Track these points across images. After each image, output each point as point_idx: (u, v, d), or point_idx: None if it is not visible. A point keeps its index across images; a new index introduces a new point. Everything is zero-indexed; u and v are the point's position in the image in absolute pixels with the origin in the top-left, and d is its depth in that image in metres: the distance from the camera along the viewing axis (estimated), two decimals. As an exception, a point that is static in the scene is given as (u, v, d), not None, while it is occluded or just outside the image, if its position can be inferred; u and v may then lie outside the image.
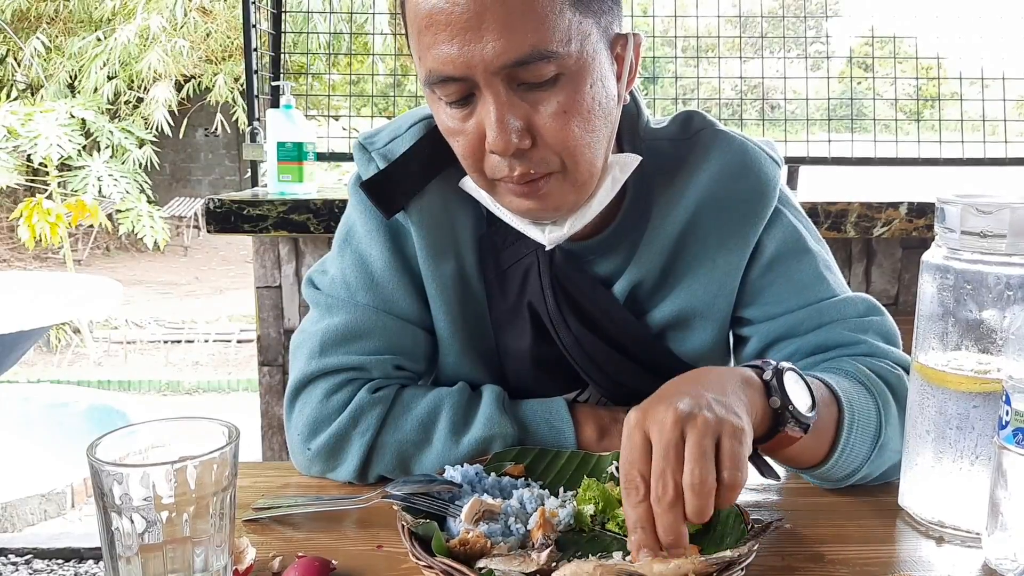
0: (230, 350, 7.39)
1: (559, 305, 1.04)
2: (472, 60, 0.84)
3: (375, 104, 3.02)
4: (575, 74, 0.87)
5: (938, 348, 0.86)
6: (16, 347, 3.90)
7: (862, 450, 0.93)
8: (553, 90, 0.87)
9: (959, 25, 3.20)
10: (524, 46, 0.83)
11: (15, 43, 9.59)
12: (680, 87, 2.97)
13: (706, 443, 0.72)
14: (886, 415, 0.94)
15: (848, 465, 0.93)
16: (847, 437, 0.91)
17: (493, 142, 0.87)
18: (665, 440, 0.73)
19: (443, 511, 0.84)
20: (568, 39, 0.85)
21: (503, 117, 0.86)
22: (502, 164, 0.90)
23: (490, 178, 0.93)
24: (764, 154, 1.07)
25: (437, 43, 0.85)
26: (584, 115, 0.89)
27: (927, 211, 2.19)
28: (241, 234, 2.26)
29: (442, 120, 0.93)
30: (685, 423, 0.73)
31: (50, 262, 11.16)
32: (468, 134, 0.90)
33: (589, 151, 0.91)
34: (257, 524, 0.89)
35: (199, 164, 13.56)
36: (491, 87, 0.86)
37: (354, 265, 1.05)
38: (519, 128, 0.87)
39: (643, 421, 0.76)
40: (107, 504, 0.64)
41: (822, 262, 1.07)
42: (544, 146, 0.89)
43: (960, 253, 0.84)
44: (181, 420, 0.72)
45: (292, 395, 1.03)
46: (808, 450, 0.91)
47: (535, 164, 0.90)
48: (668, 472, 0.72)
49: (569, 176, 0.92)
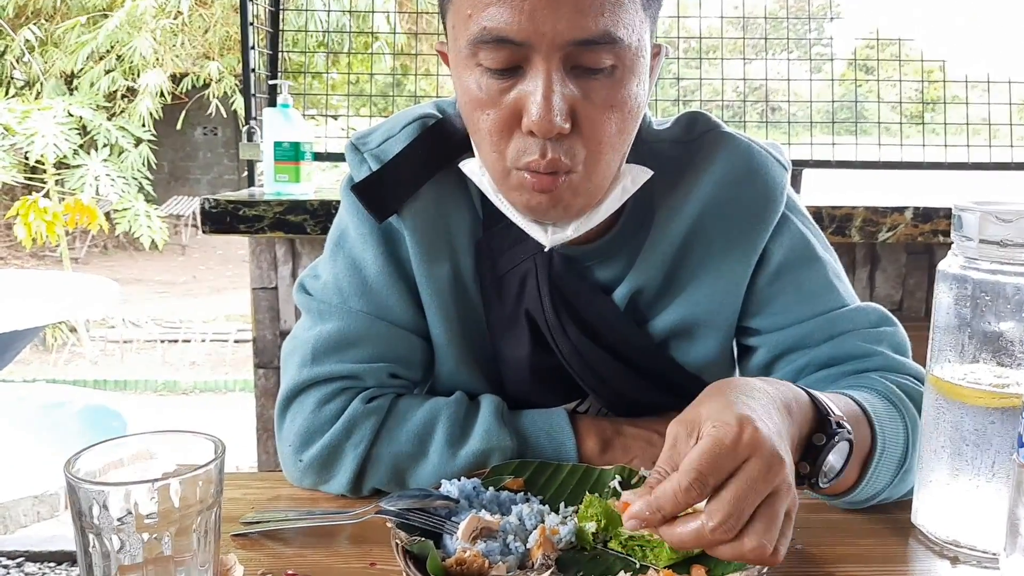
0: (227, 350, 7.36)
1: (557, 313, 1.00)
2: (542, 27, 0.81)
3: (374, 104, 2.99)
4: (627, 69, 0.85)
5: (954, 361, 0.83)
6: (10, 347, 3.87)
7: (887, 476, 0.89)
8: (605, 81, 0.85)
9: (963, 28, 3.18)
10: (597, 26, 0.81)
11: (12, 39, 9.56)
12: (681, 89, 2.95)
13: (781, 509, 0.68)
14: (913, 438, 0.91)
15: (871, 490, 0.89)
16: (875, 466, 0.88)
17: (537, 120, 0.83)
18: (755, 483, 0.66)
19: (439, 528, 0.81)
20: (633, 31, 0.84)
21: (552, 96, 0.82)
22: (533, 147, 0.86)
23: (509, 165, 0.88)
24: (771, 157, 1.04)
25: (505, 2, 0.81)
26: (624, 113, 0.87)
27: (933, 216, 2.16)
28: (237, 235, 2.23)
29: (471, 90, 0.88)
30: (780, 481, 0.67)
31: (47, 260, 11.13)
32: (502, 109, 0.86)
33: (613, 152, 0.89)
34: (246, 539, 0.86)
35: (197, 163, 13.53)
36: (548, 62, 0.82)
37: (347, 270, 1.02)
38: (565, 110, 0.83)
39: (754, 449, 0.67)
40: (84, 524, 0.61)
41: (831, 270, 1.04)
42: (578, 135, 0.85)
43: (978, 263, 0.81)
44: (165, 434, 0.69)
45: (283, 404, 1.00)
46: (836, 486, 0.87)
47: (565, 151, 0.86)
48: (743, 508, 0.66)
49: (586, 175, 0.88)
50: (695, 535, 0.67)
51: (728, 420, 0.69)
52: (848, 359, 1.00)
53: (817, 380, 0.99)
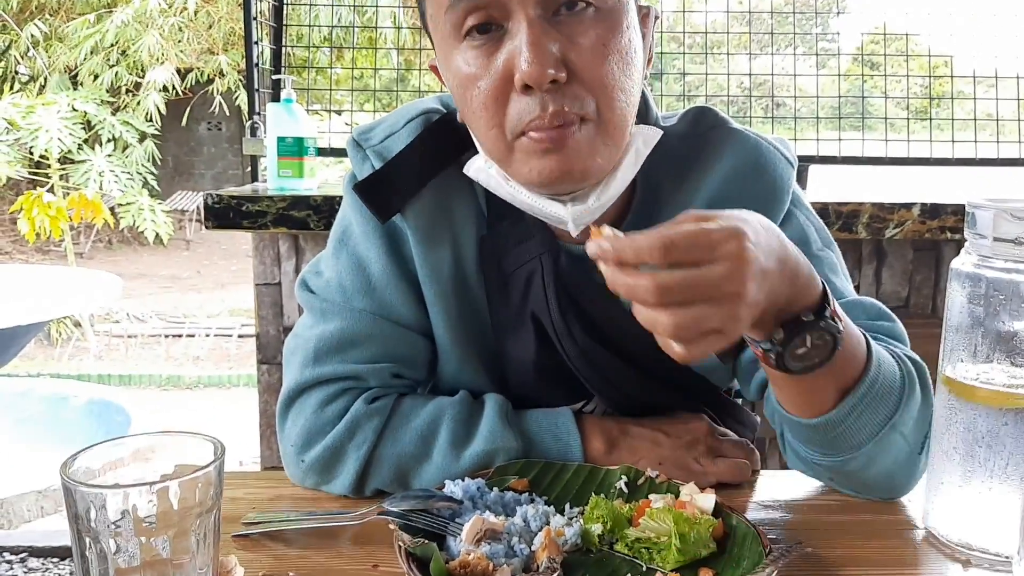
0: (231, 345, 7.36)
1: (564, 315, 0.98)
2: None
3: (378, 99, 2.98)
4: (611, 12, 0.84)
5: (967, 361, 0.82)
6: (14, 341, 3.87)
7: (870, 422, 0.85)
8: (590, 22, 0.83)
9: (970, 22, 3.16)
10: None
11: (17, 34, 9.56)
12: (686, 84, 2.93)
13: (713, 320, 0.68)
14: (908, 397, 0.86)
15: (857, 430, 0.85)
16: (860, 396, 0.83)
17: (527, 70, 0.80)
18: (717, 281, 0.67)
19: (443, 529, 0.80)
20: None
21: (539, 41, 0.80)
22: (532, 104, 0.83)
23: (512, 133, 0.86)
24: (778, 153, 1.03)
25: None
26: (622, 55, 0.85)
27: (940, 212, 2.14)
28: (240, 230, 2.22)
29: (458, 66, 0.87)
30: (734, 296, 0.68)
31: (52, 255, 11.13)
32: (492, 75, 0.84)
33: (624, 98, 0.86)
34: (247, 540, 0.85)
35: (202, 158, 13.53)
36: (525, 8, 0.81)
37: (350, 268, 1.00)
38: (555, 57, 0.81)
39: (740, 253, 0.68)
40: (81, 527, 0.60)
41: (828, 265, 1.01)
42: (579, 82, 0.83)
43: (992, 261, 0.80)
44: (163, 435, 0.67)
45: (285, 404, 0.98)
46: (807, 390, 0.84)
47: (568, 100, 0.83)
48: (685, 290, 0.67)
49: (602, 126, 0.85)
50: (629, 284, 0.68)
51: (725, 223, 0.69)
52: None
53: None
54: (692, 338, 0.68)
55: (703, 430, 1.00)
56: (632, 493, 0.89)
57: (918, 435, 0.89)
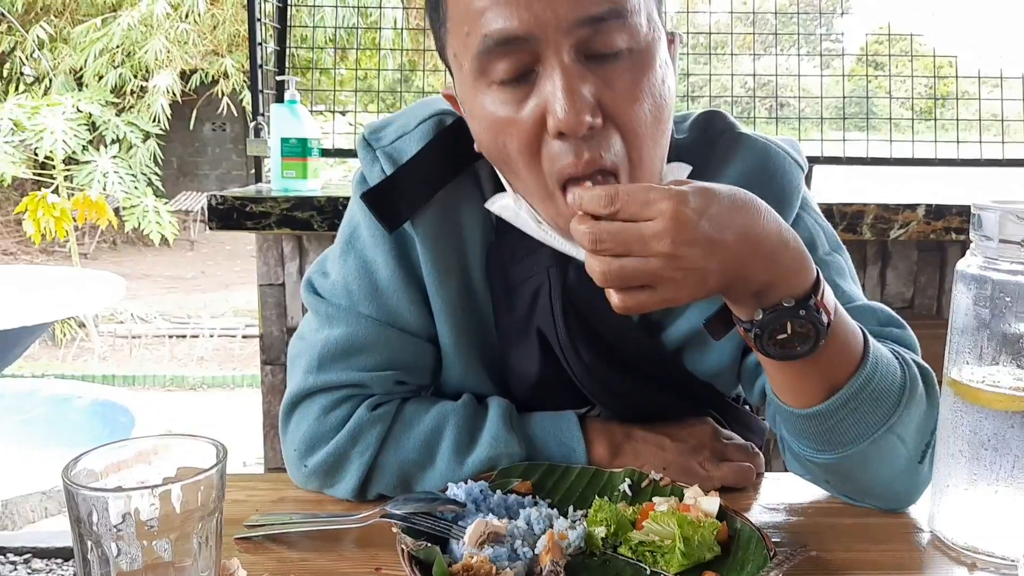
0: (235, 345, 7.37)
1: (570, 330, 0.97)
2: (543, 15, 0.77)
3: (382, 100, 2.98)
4: (644, 52, 0.82)
5: (973, 363, 0.81)
6: (18, 342, 3.87)
7: (867, 419, 0.84)
8: (624, 66, 0.81)
9: (975, 23, 3.15)
10: (601, 3, 0.78)
11: (22, 35, 9.58)
12: (690, 84, 2.92)
13: (640, 276, 0.73)
14: (909, 399, 0.85)
15: (851, 425, 0.84)
16: (859, 389, 0.82)
17: (563, 119, 0.78)
18: (645, 238, 0.71)
19: (446, 532, 0.80)
20: (639, 10, 0.81)
21: (573, 87, 0.78)
22: (566, 150, 0.81)
23: (551, 178, 0.84)
24: (788, 157, 1.01)
25: (499, 3, 0.78)
26: (656, 100, 0.83)
27: (945, 213, 2.13)
28: (244, 231, 2.21)
29: (488, 114, 0.84)
30: (670, 263, 0.71)
31: (56, 255, 11.15)
32: (524, 121, 0.82)
33: (655, 144, 0.84)
34: (249, 542, 0.85)
35: (206, 158, 13.55)
36: (559, 54, 0.79)
37: (357, 272, 0.99)
38: (590, 103, 0.79)
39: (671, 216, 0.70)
40: (83, 531, 0.60)
41: (836, 270, 1.00)
42: (613, 127, 0.81)
43: (998, 263, 0.79)
44: (165, 437, 0.67)
45: (288, 409, 0.98)
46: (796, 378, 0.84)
47: (603, 147, 0.81)
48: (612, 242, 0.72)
49: (633, 172, 0.84)
50: (574, 228, 0.74)
51: (680, 186, 0.73)
52: None
53: None
54: (620, 287, 0.73)
55: (707, 434, 0.99)
56: (636, 496, 0.89)
57: (918, 442, 0.88)
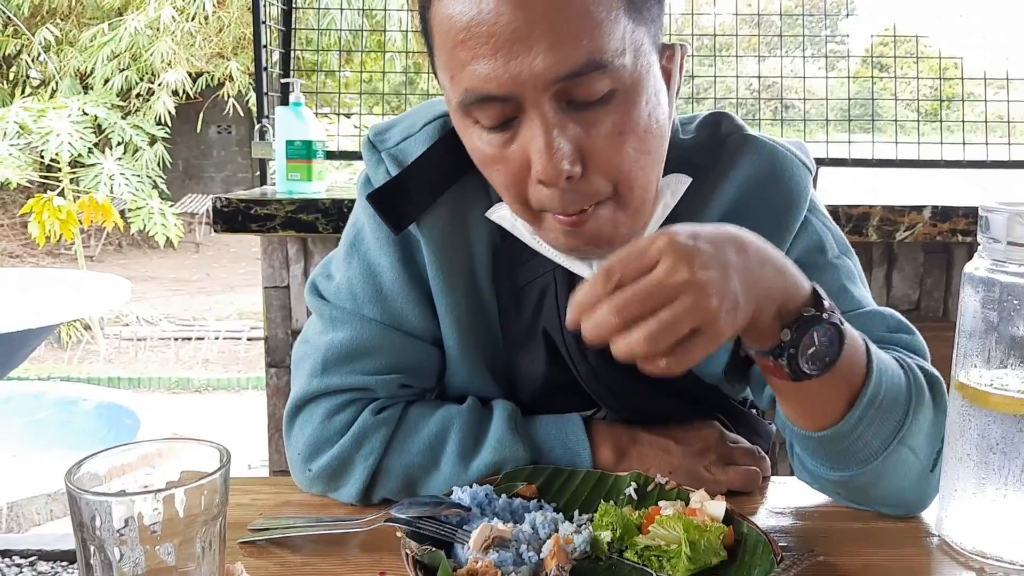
0: (240, 347, 7.38)
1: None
2: (520, 75, 0.75)
3: (387, 102, 2.98)
4: (630, 89, 0.79)
5: (981, 366, 0.81)
6: (24, 345, 3.88)
7: (880, 432, 0.83)
8: (607, 109, 0.79)
9: (981, 24, 3.15)
10: (578, 56, 0.75)
11: (28, 38, 9.60)
12: (695, 86, 2.92)
13: (683, 325, 0.67)
14: (917, 408, 0.84)
15: (864, 444, 0.83)
16: (867, 405, 0.81)
17: (543, 171, 0.78)
18: (659, 283, 0.67)
19: (450, 537, 0.79)
20: (623, 49, 0.77)
21: (552, 141, 0.78)
22: (551, 196, 0.82)
23: (536, 209, 0.85)
24: (796, 159, 1.00)
25: (477, 58, 0.76)
26: (640, 135, 0.81)
27: (951, 215, 2.13)
28: (249, 234, 2.21)
29: (477, 148, 0.84)
30: (690, 292, 0.67)
31: (62, 258, 11.18)
32: (510, 162, 0.82)
33: (643, 175, 0.83)
34: (253, 547, 0.84)
35: (212, 161, 13.57)
36: (538, 107, 0.77)
37: (362, 274, 0.98)
38: (570, 153, 0.78)
39: (667, 251, 0.68)
40: (86, 535, 0.60)
41: (845, 274, 0.99)
42: (596, 172, 0.80)
43: (1006, 265, 0.79)
44: (169, 441, 0.67)
45: (292, 412, 0.98)
46: (807, 407, 0.83)
47: (583, 199, 0.81)
48: (629, 306, 0.67)
49: (621, 203, 0.83)
50: (594, 322, 0.69)
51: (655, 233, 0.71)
52: None
53: None
54: (671, 345, 0.68)
55: (714, 437, 0.99)
56: (642, 500, 0.88)
57: (930, 451, 0.87)
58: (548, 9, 0.74)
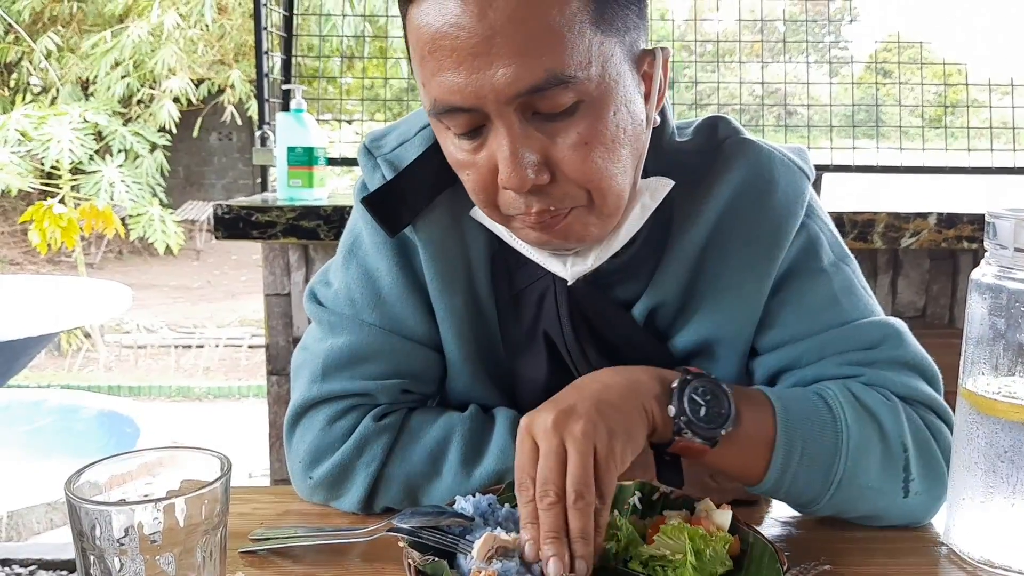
0: (241, 355, 7.37)
1: (577, 333, 0.96)
2: (481, 89, 0.76)
3: (388, 108, 2.98)
4: (597, 100, 0.79)
5: (988, 374, 0.80)
6: (24, 353, 3.87)
7: (814, 481, 0.86)
8: (572, 119, 0.79)
9: (984, 30, 3.16)
10: (538, 71, 0.75)
11: (29, 46, 9.62)
12: (698, 92, 2.92)
13: (583, 455, 0.75)
14: (853, 449, 0.85)
15: (799, 493, 0.87)
16: (785, 461, 0.85)
17: (507, 178, 0.79)
18: (545, 447, 0.76)
19: (453, 546, 0.78)
20: (588, 62, 0.77)
21: (517, 151, 0.78)
22: (517, 201, 0.82)
23: (505, 214, 0.86)
24: (793, 165, 0.99)
25: (442, 70, 0.77)
26: (608, 144, 0.81)
27: (957, 221, 2.12)
28: (250, 240, 2.21)
29: (450, 152, 0.85)
30: (563, 430, 0.76)
31: (63, 266, 11.18)
32: (479, 167, 0.82)
33: (615, 181, 0.83)
34: (254, 556, 0.84)
35: (213, 168, 13.58)
36: (503, 118, 0.78)
37: (360, 280, 0.98)
38: (535, 162, 0.79)
39: (530, 426, 0.79)
40: (86, 545, 0.59)
41: (839, 283, 0.96)
42: (565, 180, 0.81)
43: (1013, 272, 0.78)
44: (169, 450, 0.66)
45: (292, 420, 0.97)
46: (736, 463, 0.87)
47: (555, 200, 0.82)
48: (549, 479, 0.75)
49: (595, 208, 0.84)
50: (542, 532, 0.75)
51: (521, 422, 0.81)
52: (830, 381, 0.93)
53: None
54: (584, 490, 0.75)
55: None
56: (646, 509, 0.87)
57: (891, 482, 0.87)
58: (508, 24, 0.74)
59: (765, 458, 0.86)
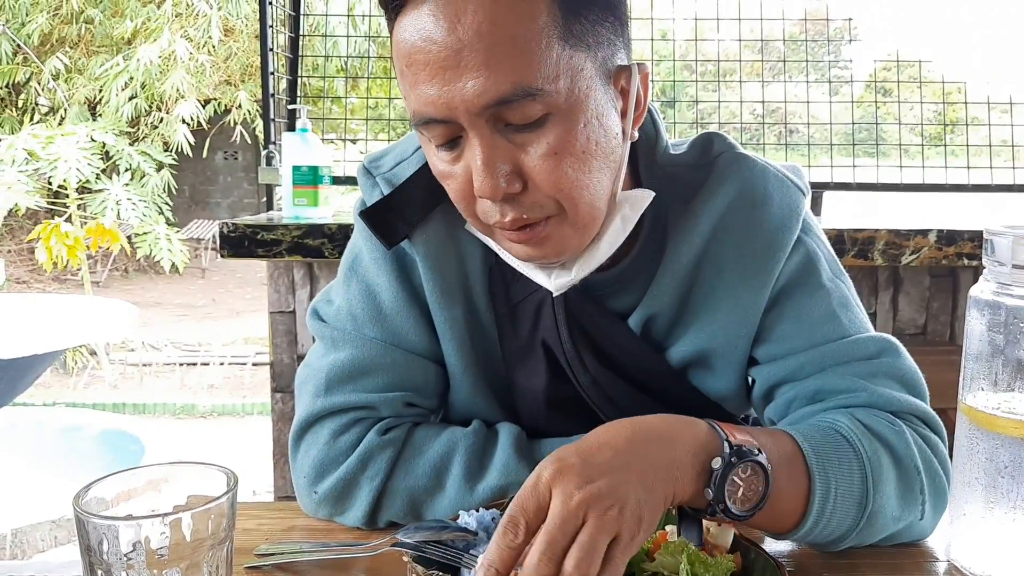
0: (246, 373, 7.37)
1: (575, 343, 0.98)
2: (452, 101, 0.79)
3: (392, 128, 3.00)
4: (566, 112, 0.81)
5: (988, 390, 0.81)
6: (30, 370, 3.88)
7: (845, 516, 0.84)
8: (542, 131, 0.81)
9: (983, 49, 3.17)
10: (505, 84, 0.77)
11: (38, 66, 9.69)
12: (699, 111, 2.94)
13: (600, 542, 0.67)
14: (876, 481, 0.85)
15: (829, 533, 0.85)
16: (822, 503, 0.82)
17: (480, 187, 0.82)
18: (563, 516, 0.67)
19: (457, 561, 0.79)
20: (556, 75, 0.79)
21: (489, 160, 0.81)
22: (493, 210, 0.85)
23: (484, 223, 0.88)
24: (788, 180, 1.00)
25: (418, 83, 0.80)
26: (578, 155, 0.83)
27: (957, 239, 2.13)
28: (255, 259, 2.23)
29: (434, 163, 0.88)
30: (590, 509, 0.68)
31: (69, 284, 11.21)
32: (458, 177, 0.85)
33: (587, 192, 0.85)
34: (259, 571, 0.84)
35: (218, 186, 13.64)
36: (475, 128, 0.80)
37: (361, 296, 1.00)
38: (507, 172, 0.81)
39: (554, 481, 0.70)
40: (93, 560, 0.60)
41: (837, 299, 0.98)
42: (536, 190, 0.83)
43: (1011, 288, 0.79)
44: (176, 465, 0.67)
45: (297, 435, 0.98)
46: (769, 523, 0.84)
47: (527, 209, 0.84)
48: (551, 549, 0.67)
49: (569, 219, 0.85)
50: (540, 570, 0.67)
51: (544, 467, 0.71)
52: (833, 394, 0.94)
53: (803, 415, 0.94)
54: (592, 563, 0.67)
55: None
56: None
57: (909, 509, 0.87)
58: (477, 38, 0.77)
59: (799, 513, 0.83)
